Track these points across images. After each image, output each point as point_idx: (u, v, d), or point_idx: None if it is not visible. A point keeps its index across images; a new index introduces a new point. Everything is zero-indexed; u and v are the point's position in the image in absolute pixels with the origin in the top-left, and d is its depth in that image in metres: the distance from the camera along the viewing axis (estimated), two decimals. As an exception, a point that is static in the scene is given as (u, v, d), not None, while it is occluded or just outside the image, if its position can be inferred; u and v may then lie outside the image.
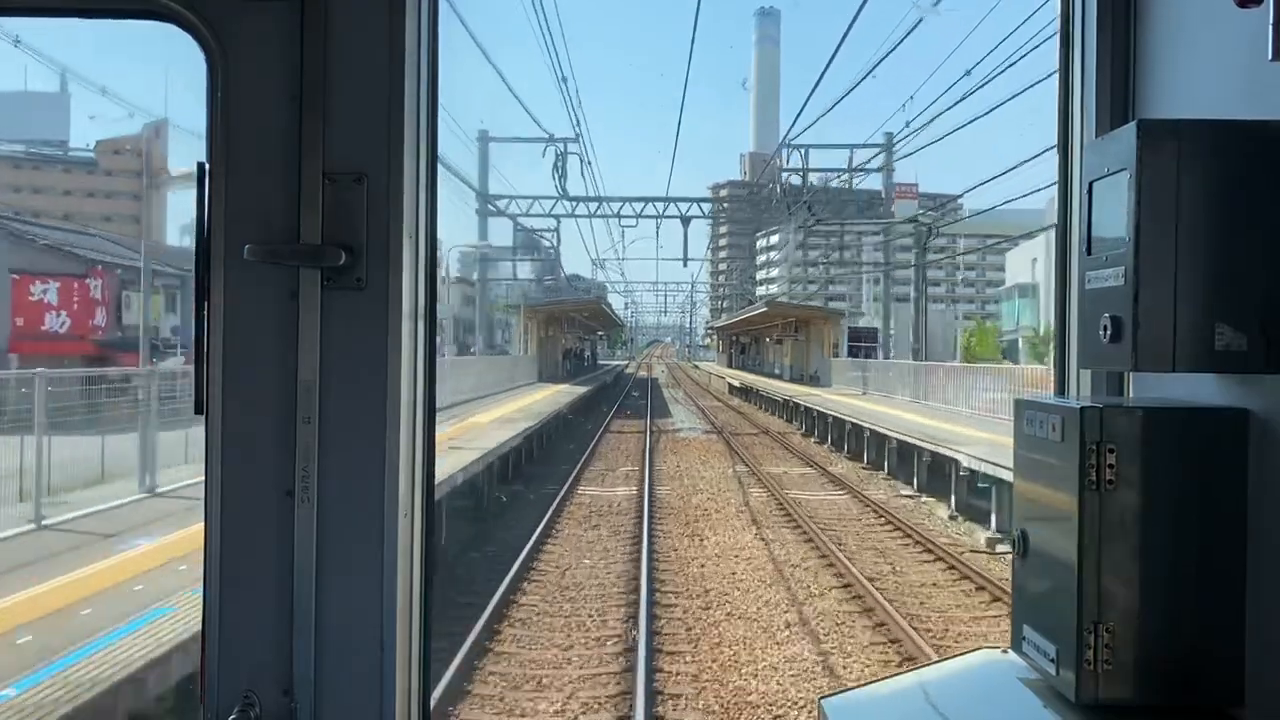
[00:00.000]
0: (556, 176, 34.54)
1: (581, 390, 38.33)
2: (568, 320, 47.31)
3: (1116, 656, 1.54)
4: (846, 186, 34.95)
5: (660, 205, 38.40)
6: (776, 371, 59.80)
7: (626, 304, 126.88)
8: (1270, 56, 1.43)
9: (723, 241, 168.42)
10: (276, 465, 1.51)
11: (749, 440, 28.01)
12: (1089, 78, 1.90)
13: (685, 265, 47.51)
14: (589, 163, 35.42)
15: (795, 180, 34.98)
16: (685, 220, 38.67)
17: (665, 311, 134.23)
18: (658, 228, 39.05)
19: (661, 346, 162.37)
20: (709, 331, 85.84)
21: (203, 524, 1.52)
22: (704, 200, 39.46)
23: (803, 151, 34.09)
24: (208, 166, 1.51)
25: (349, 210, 1.53)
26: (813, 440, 27.82)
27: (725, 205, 39.37)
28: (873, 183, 39.52)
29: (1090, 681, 1.56)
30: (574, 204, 37.13)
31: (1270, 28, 1.44)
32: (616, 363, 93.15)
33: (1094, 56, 1.90)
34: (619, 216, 38.51)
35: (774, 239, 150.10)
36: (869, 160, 35.20)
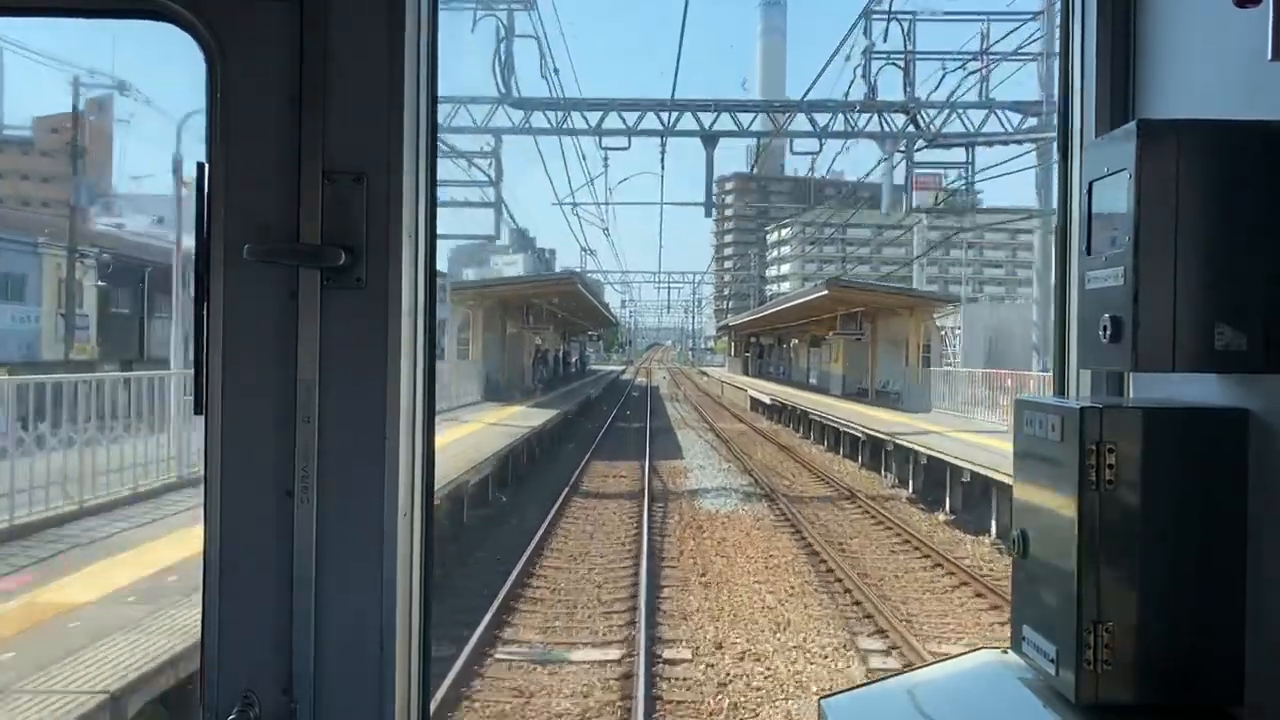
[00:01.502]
0: (498, 67, 18.18)
1: (544, 417, 27.58)
2: (531, 310, 30.18)
3: (1116, 656, 1.61)
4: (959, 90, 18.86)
5: (668, 116, 20.69)
6: (813, 382, 50.42)
7: (624, 301, 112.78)
8: (1270, 56, 1.49)
9: (728, 238, 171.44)
10: (276, 465, 1.58)
11: (832, 519, 17.29)
12: (1089, 78, 1.99)
13: (709, 214, 31.71)
14: (552, 58, 19.46)
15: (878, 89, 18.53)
16: (709, 139, 21.86)
17: (668, 307, 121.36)
18: (663, 150, 21.99)
19: (662, 349, 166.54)
20: (720, 331, 70.11)
21: (202, 524, 1.61)
22: (735, 106, 22.38)
23: (904, 25, 17.69)
24: (207, 166, 1.58)
25: (349, 210, 1.58)
26: (942, 517, 17.63)
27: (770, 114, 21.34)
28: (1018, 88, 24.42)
29: (1090, 681, 1.61)
30: (527, 114, 19.61)
31: (1270, 27, 1.49)
32: (612, 368, 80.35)
33: (1094, 56, 1.98)
34: (599, 134, 20.76)
35: (785, 232, 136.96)
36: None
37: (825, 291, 34.67)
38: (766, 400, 43.26)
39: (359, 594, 1.57)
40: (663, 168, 31.06)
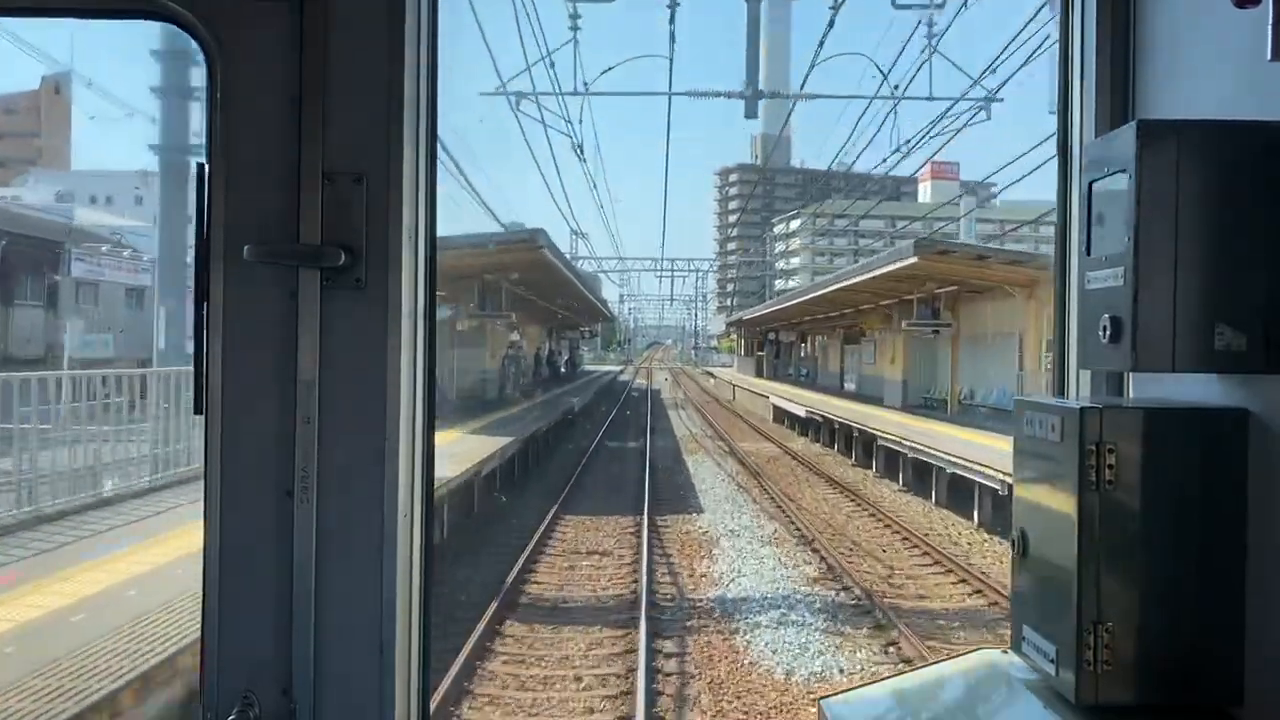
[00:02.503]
0: None
1: (488, 450, 18.11)
2: (489, 293, 30.33)
3: (1116, 657, 1.68)
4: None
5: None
6: (851, 387, 40.95)
7: (622, 295, 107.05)
8: (1270, 56, 1.57)
9: (732, 232, 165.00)
10: (276, 465, 1.64)
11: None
12: (1089, 78, 2.04)
13: (752, 114, 20.67)
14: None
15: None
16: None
17: (671, 299, 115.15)
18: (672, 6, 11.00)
19: (663, 349, 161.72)
20: (730, 327, 60.44)
21: (202, 524, 1.69)
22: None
23: None
24: (208, 166, 1.65)
25: (348, 210, 1.63)
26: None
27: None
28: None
29: (1090, 682, 1.68)
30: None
31: (1269, 28, 1.56)
32: (608, 368, 71.08)
33: (1094, 56, 2.02)
34: None
35: (794, 224, 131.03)
36: None
37: (912, 259, 24.96)
38: (799, 412, 36.46)
39: (359, 594, 1.62)
40: (672, 41, 20.01)
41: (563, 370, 60.24)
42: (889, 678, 2.26)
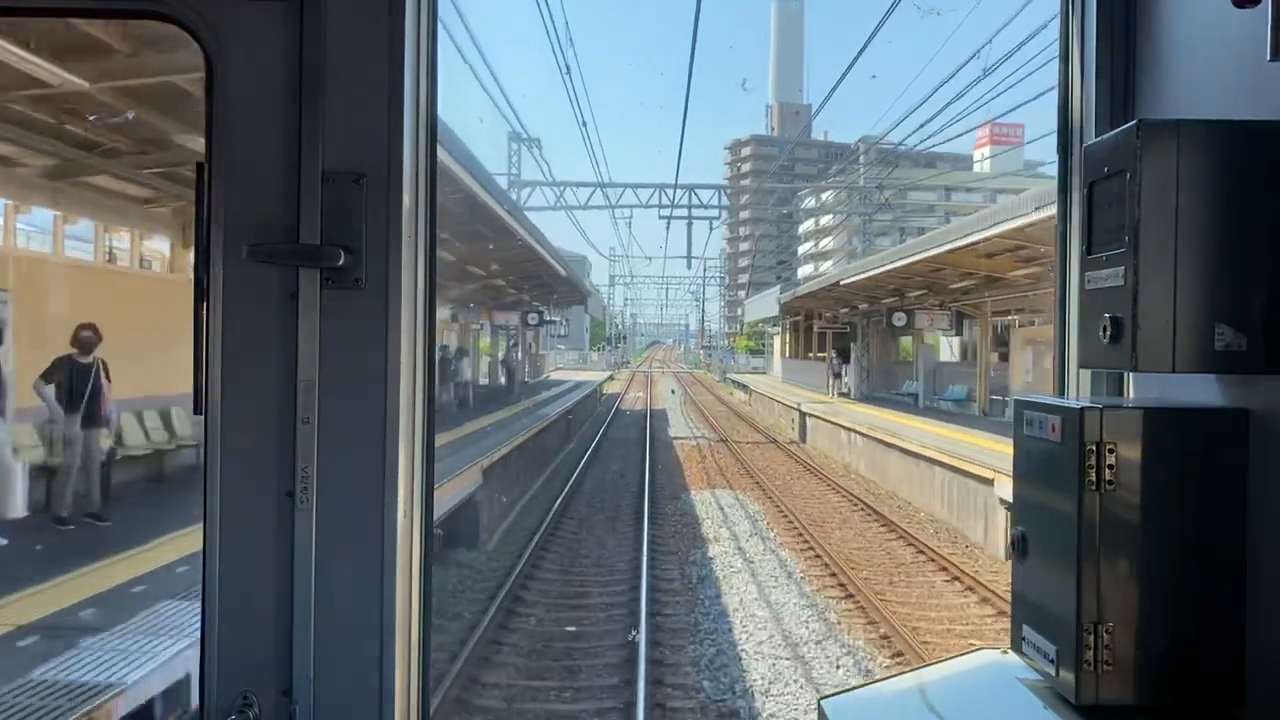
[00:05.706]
0: None
1: None
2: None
3: (1116, 657, 1.71)
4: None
5: None
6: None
7: (613, 278, 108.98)
8: (1269, 56, 1.61)
9: (743, 215, 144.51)
10: (276, 465, 1.68)
11: None
12: (1089, 78, 2.10)
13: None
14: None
15: None
16: None
17: (689, 258, 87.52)
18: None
19: (664, 348, 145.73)
20: (784, 311, 26.87)
21: (202, 524, 1.73)
22: None
23: None
24: (208, 166, 1.70)
25: (348, 210, 1.67)
26: None
27: None
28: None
29: (1090, 682, 1.71)
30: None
31: (1269, 27, 1.61)
32: (586, 377, 39.61)
33: (1094, 56, 2.08)
34: None
35: (826, 197, 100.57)
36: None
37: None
38: None
39: (359, 594, 1.65)
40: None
41: (503, 382, 32.86)
42: (889, 678, 2.23)
